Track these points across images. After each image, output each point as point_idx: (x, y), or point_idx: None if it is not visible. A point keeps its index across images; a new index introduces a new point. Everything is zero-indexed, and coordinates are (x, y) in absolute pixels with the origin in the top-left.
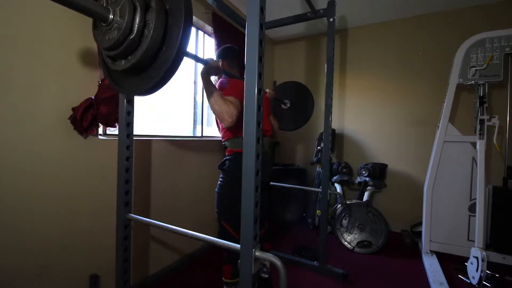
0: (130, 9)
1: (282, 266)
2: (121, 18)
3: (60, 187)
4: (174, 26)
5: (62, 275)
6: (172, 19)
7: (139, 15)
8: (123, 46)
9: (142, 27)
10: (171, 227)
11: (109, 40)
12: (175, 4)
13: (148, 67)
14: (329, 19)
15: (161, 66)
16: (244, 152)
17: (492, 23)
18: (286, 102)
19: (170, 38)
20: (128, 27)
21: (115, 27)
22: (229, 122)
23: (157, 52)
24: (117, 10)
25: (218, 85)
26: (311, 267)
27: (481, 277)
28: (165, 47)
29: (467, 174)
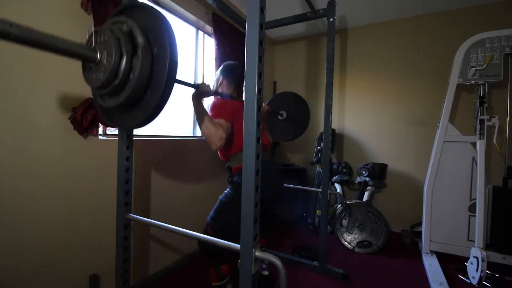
0: (116, 55)
1: (282, 266)
2: (107, 62)
3: (60, 187)
4: (160, 72)
5: (62, 275)
6: (158, 64)
7: (125, 61)
8: (109, 88)
9: (128, 72)
10: (171, 227)
11: (97, 80)
12: (161, 49)
13: (135, 105)
14: (329, 19)
15: (147, 107)
16: (244, 152)
17: (492, 23)
18: (282, 113)
19: (155, 82)
20: (113, 72)
21: (101, 69)
22: (217, 145)
23: (143, 93)
24: (104, 53)
25: (211, 106)
26: (311, 267)
27: (481, 277)
28: (150, 91)
29: (467, 174)
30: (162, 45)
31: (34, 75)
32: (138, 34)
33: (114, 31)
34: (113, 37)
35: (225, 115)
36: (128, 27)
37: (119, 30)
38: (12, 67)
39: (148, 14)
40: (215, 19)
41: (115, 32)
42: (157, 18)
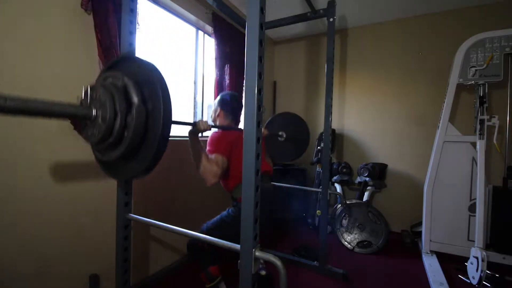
0: (110, 114)
1: (282, 266)
2: (102, 121)
3: (60, 187)
4: (154, 128)
5: (62, 275)
6: (152, 121)
7: (119, 121)
8: (104, 145)
9: (122, 130)
10: (171, 227)
11: (92, 137)
12: (156, 106)
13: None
14: (329, 19)
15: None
16: (244, 152)
17: (492, 23)
18: (282, 134)
19: (150, 138)
20: (108, 130)
21: (96, 126)
22: (211, 182)
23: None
24: (99, 112)
25: (209, 139)
26: (311, 267)
27: (481, 277)
28: (144, 147)
29: (467, 174)
30: (156, 101)
31: (34, 75)
32: (133, 93)
33: (108, 88)
34: (107, 95)
35: (222, 150)
36: (123, 83)
37: (114, 87)
38: (12, 68)
39: (142, 68)
40: (215, 19)
41: (110, 89)
42: (151, 72)
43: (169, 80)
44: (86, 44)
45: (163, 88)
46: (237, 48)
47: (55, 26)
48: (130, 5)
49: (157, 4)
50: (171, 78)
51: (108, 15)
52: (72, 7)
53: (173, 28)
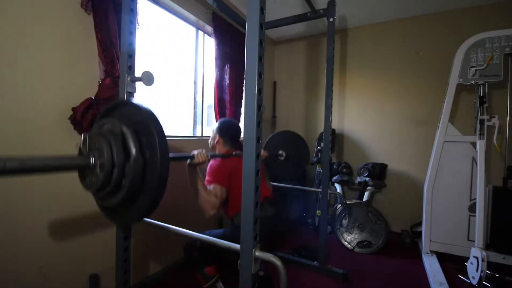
0: (108, 165)
1: (282, 266)
2: (101, 170)
3: (60, 187)
4: (151, 177)
5: (62, 275)
6: (149, 170)
7: (117, 172)
8: (103, 193)
9: (120, 178)
10: (171, 227)
11: (91, 185)
12: (153, 154)
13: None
14: (329, 19)
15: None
16: (244, 152)
17: (492, 23)
18: (282, 153)
19: (147, 185)
20: (106, 180)
21: (95, 174)
22: (211, 213)
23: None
24: (98, 161)
25: (208, 169)
26: (311, 267)
27: (481, 277)
28: (142, 194)
29: (467, 174)
30: (153, 150)
31: (34, 75)
32: (131, 143)
33: (106, 136)
34: (105, 144)
35: (221, 180)
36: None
37: (111, 134)
38: (13, 67)
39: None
40: (215, 19)
41: (108, 137)
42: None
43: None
44: (86, 44)
45: (160, 136)
46: (237, 48)
47: (55, 26)
48: (130, 5)
49: (157, 4)
50: (171, 78)
51: (108, 15)
52: (72, 7)
53: (173, 28)
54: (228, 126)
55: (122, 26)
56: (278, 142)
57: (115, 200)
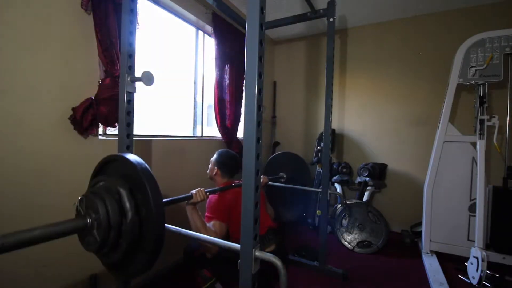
0: (105, 226)
1: (282, 266)
2: (98, 231)
3: (60, 187)
4: (148, 234)
5: (62, 275)
6: (146, 227)
7: (114, 233)
8: (102, 253)
9: (117, 239)
10: (171, 227)
11: (89, 245)
12: (149, 212)
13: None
14: (329, 19)
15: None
16: (244, 152)
17: (492, 23)
18: (283, 175)
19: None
20: (103, 242)
21: (93, 235)
22: (212, 251)
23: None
24: (95, 223)
25: (207, 204)
26: (311, 267)
27: (481, 277)
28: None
29: (467, 174)
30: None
31: (34, 75)
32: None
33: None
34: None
35: (220, 216)
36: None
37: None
38: (13, 68)
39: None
40: (215, 19)
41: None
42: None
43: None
44: (86, 44)
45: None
46: (237, 48)
47: (55, 26)
48: (130, 5)
49: (157, 4)
50: (171, 78)
51: (108, 15)
52: (72, 7)
53: (173, 28)
54: (226, 157)
55: (122, 26)
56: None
57: (115, 257)
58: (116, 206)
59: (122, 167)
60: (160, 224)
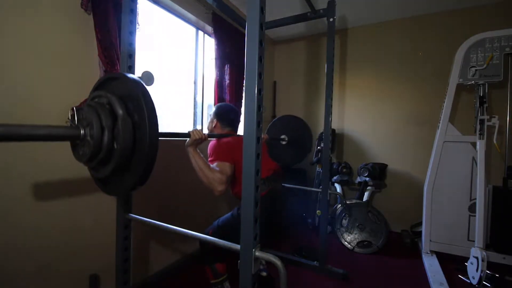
0: (98, 130)
1: (282, 266)
2: (91, 137)
3: (60, 187)
4: (142, 138)
5: (62, 275)
6: (139, 130)
7: (107, 134)
8: (96, 161)
9: (111, 143)
10: (171, 227)
11: (83, 155)
12: (141, 117)
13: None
14: (329, 19)
15: (135, 172)
16: (244, 152)
17: (492, 23)
18: (284, 138)
19: (139, 148)
20: (97, 146)
21: (86, 144)
22: (219, 190)
23: (130, 159)
24: (86, 130)
25: (208, 149)
26: (311, 267)
27: (481, 277)
28: (135, 157)
29: (467, 174)
30: (141, 112)
31: (34, 75)
32: (117, 105)
33: (93, 106)
34: (93, 113)
35: (223, 156)
36: (107, 99)
37: (99, 105)
38: (13, 67)
39: (125, 84)
40: (215, 19)
41: (95, 107)
42: (134, 86)
43: (168, 81)
44: (86, 44)
45: (147, 100)
46: (237, 48)
47: (55, 26)
48: (130, 5)
49: (157, 4)
50: (171, 78)
51: (108, 15)
52: (72, 7)
53: (173, 28)
54: (226, 110)
55: (122, 26)
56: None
57: (109, 167)
58: (107, 111)
59: (115, 83)
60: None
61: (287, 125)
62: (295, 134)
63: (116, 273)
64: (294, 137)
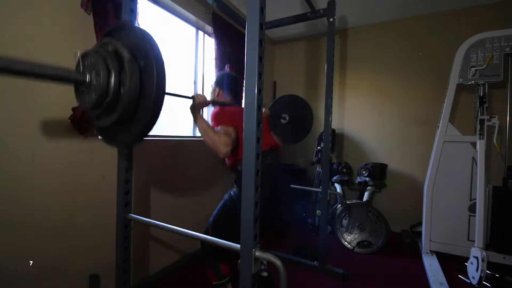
0: (104, 74)
1: (282, 266)
2: (97, 82)
3: (60, 187)
4: (148, 83)
5: (62, 275)
6: (146, 76)
7: (114, 78)
8: (102, 107)
9: (118, 88)
10: (171, 227)
11: (89, 102)
12: (148, 62)
13: (131, 119)
14: (329, 19)
15: (141, 120)
16: (244, 152)
17: (492, 23)
18: (285, 117)
19: (146, 94)
20: (104, 90)
21: (92, 90)
22: (224, 152)
23: (136, 107)
24: (93, 74)
25: (211, 116)
26: (311, 267)
27: (481, 277)
28: (142, 104)
29: (467, 174)
30: (148, 58)
31: None
32: (123, 50)
33: (100, 52)
34: (99, 58)
35: (227, 121)
36: (113, 46)
37: (105, 51)
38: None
39: (132, 33)
40: (215, 19)
41: (101, 53)
42: (141, 35)
43: (169, 80)
44: (86, 44)
45: (153, 47)
46: (237, 48)
47: (55, 26)
48: (130, 5)
49: (157, 4)
50: (171, 78)
51: (108, 15)
52: (72, 7)
53: (173, 28)
54: (229, 79)
55: None
56: (281, 105)
57: (115, 114)
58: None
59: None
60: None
61: (288, 104)
62: (296, 114)
63: (116, 273)
64: (295, 117)
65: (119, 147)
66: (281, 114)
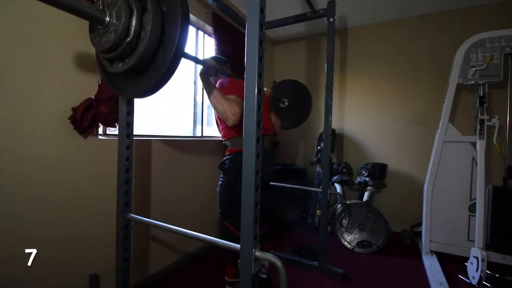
0: (126, 12)
1: (282, 266)
2: (118, 20)
3: (60, 187)
4: (171, 28)
5: (62, 275)
6: (168, 22)
7: (136, 18)
8: (120, 49)
9: (139, 30)
10: (171, 227)
11: (106, 43)
12: (171, 7)
13: (146, 69)
14: (329, 19)
15: (159, 69)
16: (244, 152)
17: (492, 23)
18: (285, 101)
19: (167, 40)
20: (124, 29)
21: (111, 30)
22: (233, 120)
23: (155, 54)
24: (113, 13)
25: (218, 85)
26: (311, 267)
27: (481, 277)
28: (162, 50)
29: (467, 174)
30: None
31: (34, 74)
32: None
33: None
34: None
35: (238, 92)
36: None
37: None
38: (13, 67)
39: None
40: (215, 19)
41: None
42: None
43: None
44: (86, 44)
45: None
46: (237, 48)
47: (55, 26)
48: None
49: None
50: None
51: None
52: None
53: None
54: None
55: None
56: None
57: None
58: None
59: None
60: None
61: (288, 89)
62: (295, 99)
63: (116, 273)
64: (295, 102)
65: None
66: (281, 98)
